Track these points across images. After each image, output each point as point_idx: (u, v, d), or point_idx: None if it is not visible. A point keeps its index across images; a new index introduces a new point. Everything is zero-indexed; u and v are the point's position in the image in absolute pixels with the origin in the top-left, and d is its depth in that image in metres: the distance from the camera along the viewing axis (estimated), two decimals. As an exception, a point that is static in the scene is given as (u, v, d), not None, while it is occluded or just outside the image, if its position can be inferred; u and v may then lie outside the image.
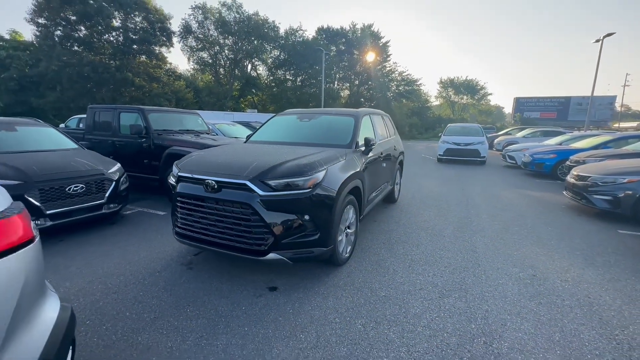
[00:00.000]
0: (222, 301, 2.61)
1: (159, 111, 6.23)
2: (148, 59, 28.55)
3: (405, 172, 9.90)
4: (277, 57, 37.05)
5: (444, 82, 56.12)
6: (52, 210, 3.67)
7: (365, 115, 4.46)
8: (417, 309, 2.56)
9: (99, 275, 3.01)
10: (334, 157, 3.18)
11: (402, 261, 3.44)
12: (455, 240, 4.08)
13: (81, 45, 25.80)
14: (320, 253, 2.80)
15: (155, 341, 2.12)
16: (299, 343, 2.13)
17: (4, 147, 4.15)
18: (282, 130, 4.38)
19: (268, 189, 2.60)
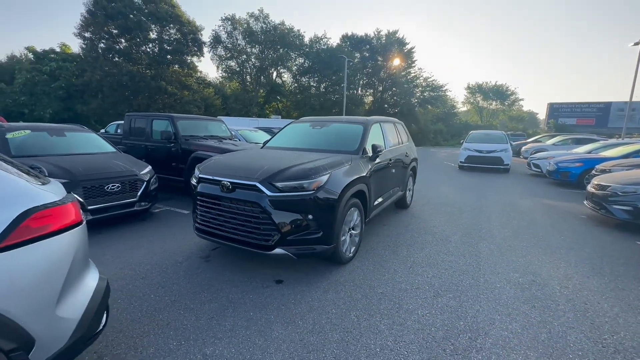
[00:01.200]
0: (232, 289, 2.92)
1: (187, 118, 6.78)
2: (180, 68, 30.25)
3: (423, 179, 9.94)
4: (302, 65, 37.88)
5: (472, 87, 54.72)
6: (93, 206, 4.18)
7: (375, 123, 4.68)
8: (410, 305, 2.73)
9: (129, 263, 3.43)
10: (339, 162, 3.43)
11: (404, 263, 3.60)
12: (461, 245, 4.17)
13: (121, 57, 27.85)
14: (322, 250, 3.04)
15: (174, 319, 2.46)
16: (297, 328, 2.38)
17: (55, 150, 4.77)
18: (295, 136, 4.69)
19: (276, 190, 2.90)
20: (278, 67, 36.75)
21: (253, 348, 2.15)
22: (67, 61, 28.57)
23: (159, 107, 27.78)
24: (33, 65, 27.79)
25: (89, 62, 26.75)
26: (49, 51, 29.36)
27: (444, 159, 18.52)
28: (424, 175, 10.96)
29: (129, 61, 27.83)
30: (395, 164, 4.95)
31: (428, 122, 43.09)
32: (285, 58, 35.64)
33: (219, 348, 2.14)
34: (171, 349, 2.12)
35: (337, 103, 36.58)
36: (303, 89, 38.94)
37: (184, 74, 30.50)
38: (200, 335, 2.28)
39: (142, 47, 28.53)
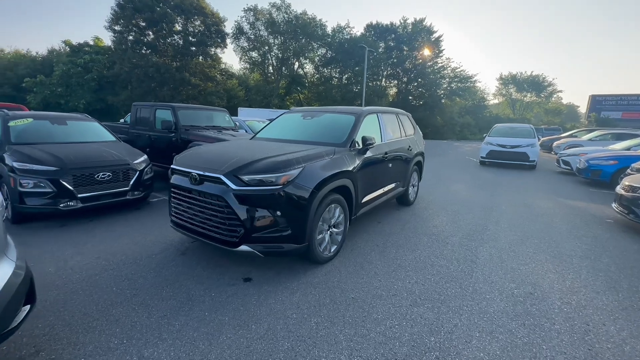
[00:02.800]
0: (197, 286, 2.80)
1: (189, 108, 6.75)
2: (204, 59, 30.77)
3: (437, 174, 9.42)
4: (324, 55, 37.33)
5: (505, 78, 51.57)
6: (83, 194, 4.22)
7: (370, 114, 4.36)
8: (380, 314, 2.48)
9: (107, 253, 3.41)
10: (317, 155, 3.18)
11: (389, 265, 3.33)
12: (458, 249, 3.81)
13: (148, 49, 28.75)
14: (291, 249, 2.84)
15: (125, 315, 2.37)
16: (248, 332, 2.22)
17: (54, 138, 4.87)
18: (285, 127, 4.48)
19: (241, 184, 2.72)
20: (300, 57, 36.45)
21: (193, 353, 2.01)
22: (99, 54, 29.91)
23: (183, 98, 28.49)
24: (69, 58, 29.34)
25: (118, 54, 27.84)
26: (84, 44, 30.87)
27: (467, 153, 17.59)
28: (438, 170, 10.42)
29: (155, 53, 28.68)
30: (393, 158, 4.62)
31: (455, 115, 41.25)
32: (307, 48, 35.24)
33: (159, 350, 2.02)
34: (110, 348, 2.03)
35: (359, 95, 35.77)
36: (325, 80, 38.43)
37: (207, 66, 31.01)
38: (145, 334, 2.17)
39: (167, 39, 29.24)
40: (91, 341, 2.09)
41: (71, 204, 4.14)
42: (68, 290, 2.68)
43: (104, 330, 2.19)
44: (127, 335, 2.16)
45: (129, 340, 2.10)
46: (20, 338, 2.09)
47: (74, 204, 4.16)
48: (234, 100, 33.52)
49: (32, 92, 27.92)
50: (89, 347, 2.04)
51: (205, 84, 30.37)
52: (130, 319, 2.32)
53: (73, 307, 2.44)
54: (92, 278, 2.88)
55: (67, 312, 2.38)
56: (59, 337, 2.12)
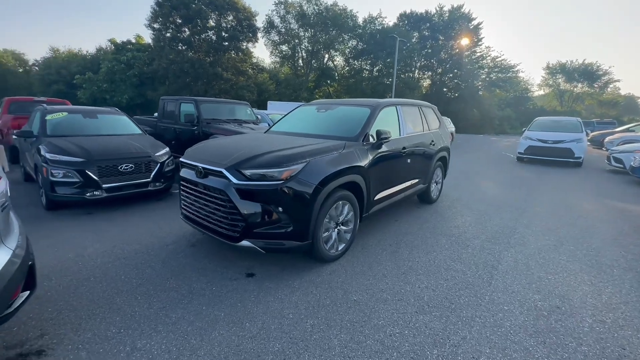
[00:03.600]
0: (200, 279, 2.81)
1: (212, 102, 6.88)
2: (235, 54, 31.42)
3: (466, 171, 8.88)
4: (355, 47, 36.63)
5: (552, 67, 47.49)
6: (107, 184, 4.43)
7: (388, 107, 4.13)
8: (381, 320, 2.33)
9: (123, 241, 3.55)
10: (325, 149, 3.05)
11: (399, 267, 3.14)
12: (479, 252, 3.52)
13: (184, 45, 29.89)
14: (292, 246, 2.76)
15: (127, 304, 2.43)
16: (241, 330, 2.17)
17: (84, 131, 5.17)
18: (299, 121, 4.38)
19: (243, 178, 2.67)
20: (330, 50, 36.08)
21: (184, 348, 2.00)
22: (140, 51, 31.61)
23: (216, 92, 29.39)
24: (114, 55, 31.33)
25: (157, 51, 29.23)
26: (127, 42, 32.79)
27: (504, 149, 16.48)
28: (469, 166, 9.83)
29: (190, 49, 29.76)
30: (413, 153, 4.36)
31: (494, 108, 38.86)
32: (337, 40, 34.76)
33: (152, 342, 2.03)
34: (107, 336, 2.08)
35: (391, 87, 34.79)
36: (355, 73, 37.76)
37: (238, 60, 31.65)
38: (141, 325, 2.20)
39: (202, 35, 30.19)
40: (91, 328, 2.15)
41: (97, 193, 4.37)
42: (81, 277, 2.80)
43: (105, 318, 2.26)
44: (125, 324, 2.20)
45: (126, 330, 2.14)
46: (30, 321, 2.21)
47: (99, 194, 4.39)
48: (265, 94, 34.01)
49: (81, 88, 30.23)
50: (88, 334, 2.10)
51: (237, 78, 31.04)
52: (131, 309, 2.37)
53: (82, 294, 2.54)
54: (105, 266, 3.00)
55: (76, 298, 2.49)
56: (64, 322, 2.21)
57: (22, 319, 2.23)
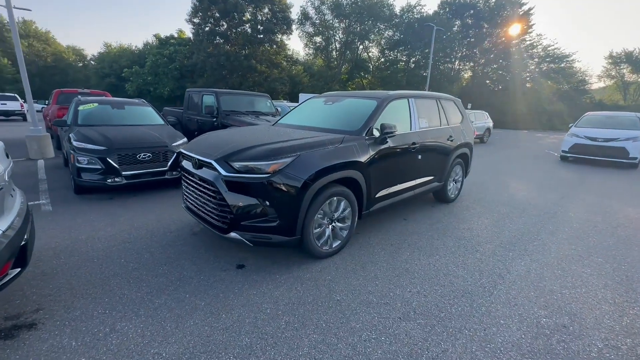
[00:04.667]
0: (191, 267, 2.89)
1: (232, 94, 7.00)
2: (270, 46, 31.83)
3: (498, 169, 8.27)
4: (391, 38, 35.45)
5: (616, 56, 42.36)
6: (126, 172, 4.70)
7: (399, 100, 3.91)
8: (359, 323, 2.22)
9: (132, 226, 3.75)
10: (320, 143, 2.96)
11: (394, 269, 2.99)
12: (488, 258, 3.25)
13: (221, 38, 30.83)
14: (280, 241, 2.72)
15: (119, 287, 2.55)
16: (216, 321, 2.19)
17: (111, 121, 5.52)
18: (305, 113, 4.30)
19: (231, 170, 2.67)
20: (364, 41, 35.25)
21: (157, 334, 2.05)
22: (181, 45, 33.22)
23: (249, 84, 30.10)
24: (158, 50, 33.22)
25: (196, 45, 30.50)
26: (170, 37, 34.59)
27: (548, 146, 15.13)
28: (502, 164, 9.15)
29: (227, 42, 30.66)
30: (426, 149, 4.11)
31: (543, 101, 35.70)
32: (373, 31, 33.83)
33: (130, 325, 2.12)
34: (92, 316, 2.20)
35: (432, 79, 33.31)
36: (390, 64, 36.63)
37: (273, 53, 32.06)
38: (126, 307, 2.30)
39: (238, 28, 30.93)
40: (81, 307, 2.29)
41: (117, 180, 4.65)
42: (87, 257, 3.00)
43: (95, 299, 2.39)
44: (111, 306, 2.31)
45: (110, 312, 2.25)
46: (32, 295, 2.41)
47: (119, 180, 4.67)
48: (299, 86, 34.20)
49: (129, 81, 32.50)
50: (77, 312, 2.24)
51: (271, 71, 31.52)
52: (121, 291, 2.49)
53: (82, 274, 2.72)
54: (110, 249, 3.19)
55: (76, 277, 2.67)
56: (60, 299, 2.38)
57: (26, 292, 2.44)
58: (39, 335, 2.00)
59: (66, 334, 2.02)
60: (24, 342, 1.95)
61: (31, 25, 42.74)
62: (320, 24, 34.36)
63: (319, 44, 35.92)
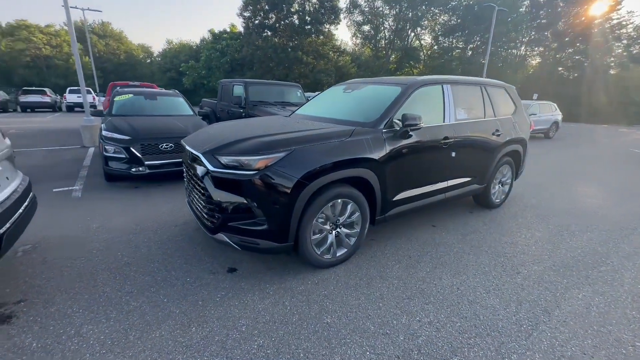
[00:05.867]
0: (181, 267, 2.71)
1: (261, 84, 6.83)
2: (317, 37, 31.49)
3: (563, 170, 7.05)
4: (446, 23, 32.83)
5: None
6: (149, 162, 4.76)
7: (429, 85, 3.32)
8: (346, 357, 1.82)
9: (143, 217, 3.73)
10: (322, 137, 2.55)
11: (406, 288, 2.50)
12: (532, 285, 2.58)
13: (270, 31, 31.26)
14: (268, 247, 2.39)
15: (104, 283, 2.45)
16: (182, 335, 1.95)
17: (142, 112, 5.66)
18: (324, 103, 3.89)
19: (219, 165, 2.39)
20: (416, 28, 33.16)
21: (117, 343, 1.87)
22: (233, 39, 34.42)
23: (295, 76, 30.19)
24: (211, 44, 34.85)
25: (246, 38, 31.34)
26: (223, 32, 36.05)
27: (633, 144, 12.73)
28: (571, 164, 7.80)
29: (274, 35, 31.01)
30: (461, 145, 3.47)
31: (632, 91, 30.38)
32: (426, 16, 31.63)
33: (95, 330, 1.97)
34: (66, 314, 2.10)
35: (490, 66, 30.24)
36: (444, 52, 34.03)
37: (319, 43, 31.69)
38: (100, 308, 2.17)
39: (286, 20, 31.06)
40: (60, 302, 2.22)
41: (140, 169, 4.73)
42: (89, 248, 2.99)
43: (76, 294, 2.31)
44: (88, 305, 2.20)
45: (84, 311, 2.14)
46: (23, 284, 2.40)
47: (143, 170, 4.74)
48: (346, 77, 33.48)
49: (186, 75, 34.67)
50: (53, 308, 2.16)
51: (317, 62, 31.23)
52: (103, 288, 2.38)
53: (76, 265, 2.68)
54: (113, 240, 3.16)
55: (70, 268, 2.63)
56: (45, 291, 2.33)
57: (20, 280, 2.44)
58: (8, 331, 1.94)
59: (32, 333, 1.93)
60: (-8, 336, 1.90)
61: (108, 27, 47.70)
62: (369, 12, 33.04)
63: (367, 33, 34.64)
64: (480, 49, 32.08)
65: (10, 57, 36.24)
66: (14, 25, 38.98)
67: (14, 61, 36.38)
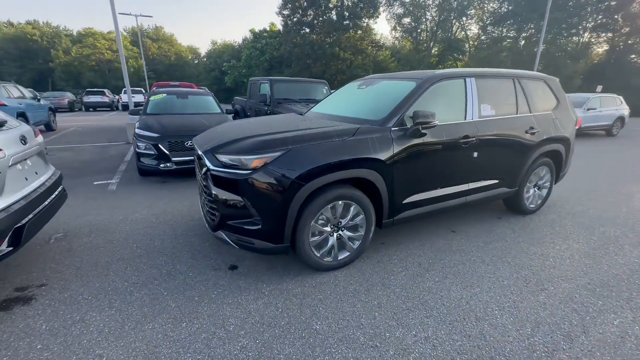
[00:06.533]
0: (187, 261, 2.80)
1: (286, 81, 6.86)
2: (355, 32, 31.01)
3: (622, 172, 6.17)
4: (496, 10, 30.47)
5: None
6: (176, 158, 5.01)
7: (449, 79, 3.06)
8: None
9: (164, 211, 3.93)
10: (323, 135, 2.46)
11: (408, 298, 2.34)
12: (557, 305, 2.27)
13: (307, 28, 31.41)
14: (263, 247, 2.37)
15: (115, 273, 2.61)
16: (172, 330, 2.00)
17: (173, 110, 5.97)
18: (337, 100, 3.77)
19: (218, 164, 2.41)
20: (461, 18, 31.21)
21: (113, 332, 1.97)
22: (272, 37, 35.19)
23: (332, 72, 30.06)
24: (252, 43, 35.96)
25: (284, 36, 31.83)
26: (263, 31, 36.99)
27: None
28: (634, 166, 6.81)
29: (312, 32, 31.10)
30: (486, 144, 3.17)
31: None
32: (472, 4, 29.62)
33: (97, 318, 2.09)
34: (76, 300, 2.26)
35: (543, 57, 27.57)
36: (493, 43, 31.63)
37: (358, 38, 31.18)
38: (106, 297, 2.31)
39: (324, 16, 30.98)
40: (73, 289, 2.40)
41: (168, 165, 4.99)
42: (111, 238, 3.21)
43: (89, 282, 2.48)
44: (96, 293, 2.35)
45: (92, 299, 2.28)
46: (46, 270, 2.63)
47: (170, 166, 5.01)
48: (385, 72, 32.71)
49: (227, 74, 36.20)
50: (67, 293, 2.34)
51: (355, 58, 30.80)
52: (113, 278, 2.54)
53: (95, 255, 2.89)
54: (133, 231, 3.36)
55: (89, 257, 2.85)
56: (64, 277, 2.54)
57: (46, 265, 2.69)
58: (26, 312, 2.14)
59: (45, 316, 2.11)
60: (11, 317, 2.10)
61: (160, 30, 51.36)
62: (410, 3, 31.72)
63: (407, 26, 33.35)
64: (534, 38, 29.31)
65: (79, 61, 40.61)
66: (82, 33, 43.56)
67: (82, 65, 40.71)
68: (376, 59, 33.22)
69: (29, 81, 41.53)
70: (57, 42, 43.87)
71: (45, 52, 42.91)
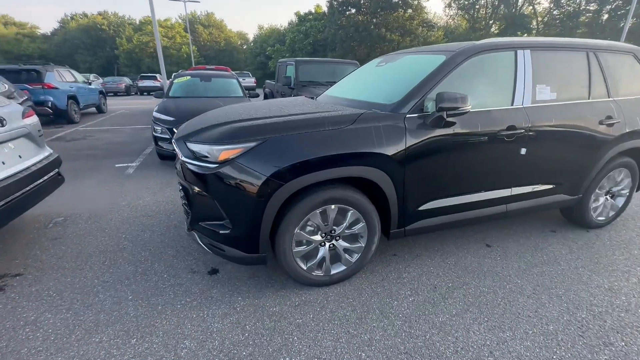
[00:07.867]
0: (167, 260, 2.54)
1: (313, 62, 6.36)
2: (404, 11, 28.95)
3: None
4: (574, -21, 26.27)
5: None
6: (191, 143, 4.83)
7: (495, 51, 2.35)
8: None
9: (166, 200, 3.76)
10: (313, 123, 1.97)
11: (410, 338, 1.81)
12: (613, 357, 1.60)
13: (353, 8, 30.00)
14: (234, 256, 1.98)
15: (91, 267, 2.43)
16: (118, 348, 1.72)
17: (195, 93, 5.82)
18: (354, 81, 3.19)
19: (188, 154, 2.05)
20: (530, -10, 27.46)
21: (56, 342, 1.74)
22: (317, 20, 34.33)
23: (377, 54, 28.52)
24: (296, 27, 35.47)
25: (329, 18, 30.81)
26: (308, 13, 36.24)
27: None
28: None
29: (358, 12, 29.65)
30: (540, 138, 2.43)
31: None
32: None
33: (50, 321, 1.89)
34: (40, 297, 2.10)
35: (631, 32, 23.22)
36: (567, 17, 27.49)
37: (407, 18, 29.09)
38: (70, 295, 2.11)
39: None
40: (44, 282, 2.25)
41: (183, 150, 4.84)
42: (104, 225, 3.09)
43: (62, 276, 2.32)
44: (64, 289, 2.17)
45: (58, 296, 2.10)
46: (26, 258, 2.54)
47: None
48: (434, 54, 30.33)
49: (272, 59, 36.31)
50: (35, 287, 2.19)
51: (403, 39, 28.88)
52: (85, 274, 2.35)
53: (82, 244, 2.76)
54: (127, 220, 3.21)
55: (75, 246, 2.72)
56: (42, 267, 2.42)
57: (30, 252, 2.60)
58: (-13, 305, 2.02)
59: (4, 312, 1.97)
60: (-28, 309, 1.99)
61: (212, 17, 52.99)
62: (469, -24, 28.65)
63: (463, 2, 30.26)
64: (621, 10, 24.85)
65: (140, 48, 43.61)
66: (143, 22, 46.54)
67: (142, 52, 43.70)
68: (427, 40, 30.80)
69: (99, 67, 45.82)
70: (121, 30, 47.50)
71: (112, 41, 46.78)
